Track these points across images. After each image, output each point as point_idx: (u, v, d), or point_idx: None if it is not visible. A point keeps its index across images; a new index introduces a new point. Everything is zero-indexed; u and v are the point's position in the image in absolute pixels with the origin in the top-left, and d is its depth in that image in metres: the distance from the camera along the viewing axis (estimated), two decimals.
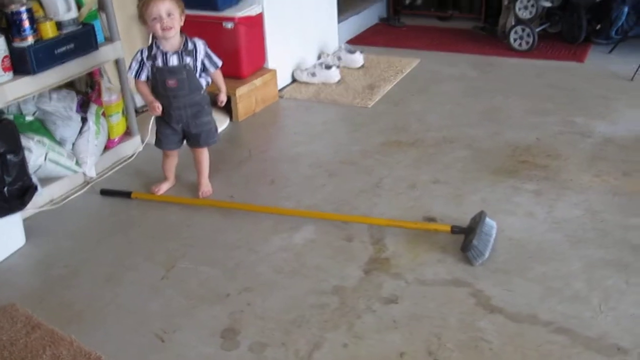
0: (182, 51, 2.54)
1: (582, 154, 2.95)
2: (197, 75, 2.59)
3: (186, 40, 2.55)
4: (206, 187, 2.79)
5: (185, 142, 2.75)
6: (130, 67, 2.59)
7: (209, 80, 2.67)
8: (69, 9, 2.69)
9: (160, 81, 2.56)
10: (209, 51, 2.61)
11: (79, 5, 2.79)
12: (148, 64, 2.55)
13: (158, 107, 2.58)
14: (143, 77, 2.58)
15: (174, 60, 2.53)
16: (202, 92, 2.64)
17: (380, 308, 2.04)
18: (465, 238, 2.27)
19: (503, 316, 1.97)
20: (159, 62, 2.53)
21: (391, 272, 2.21)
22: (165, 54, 2.52)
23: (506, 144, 3.08)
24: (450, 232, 2.34)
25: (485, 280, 2.13)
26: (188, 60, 2.54)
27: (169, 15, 2.45)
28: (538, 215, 2.49)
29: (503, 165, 2.88)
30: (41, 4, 2.66)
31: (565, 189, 2.66)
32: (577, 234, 2.35)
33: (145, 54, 2.55)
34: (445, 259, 2.25)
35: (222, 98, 2.73)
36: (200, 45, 2.58)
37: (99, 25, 2.88)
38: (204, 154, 2.76)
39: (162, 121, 2.67)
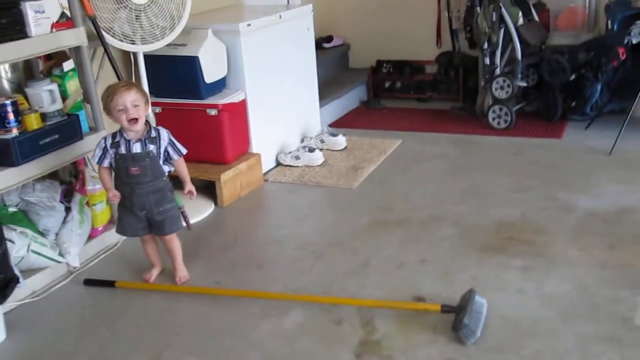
0: (146, 138, 2.54)
1: (567, 228, 2.96)
2: (161, 162, 2.59)
3: (150, 128, 2.57)
4: (182, 272, 2.75)
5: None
6: (94, 153, 2.59)
7: (171, 168, 2.66)
8: (53, 101, 2.72)
9: (123, 168, 2.55)
10: (173, 139, 2.62)
11: (64, 97, 2.83)
12: (111, 151, 2.55)
13: (115, 197, 2.59)
14: (106, 163, 2.58)
15: (137, 148, 2.53)
16: (165, 178, 2.63)
17: None
18: (456, 317, 2.24)
19: None
20: (122, 149, 2.54)
21: (383, 355, 2.16)
22: (129, 141, 2.53)
23: (491, 220, 3.09)
24: (441, 311, 2.31)
25: (479, 359, 2.09)
26: (151, 147, 2.55)
27: (135, 106, 2.46)
28: (528, 291, 2.47)
29: (490, 242, 2.88)
30: (26, 97, 2.69)
31: (553, 264, 2.65)
32: (568, 309, 2.33)
33: (109, 141, 2.56)
34: (437, 339, 2.21)
35: (190, 188, 2.70)
36: (164, 133, 2.59)
37: (83, 116, 2.92)
38: (174, 241, 2.73)
39: (125, 209, 2.65)
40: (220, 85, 3.59)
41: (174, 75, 3.45)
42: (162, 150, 2.58)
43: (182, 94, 3.50)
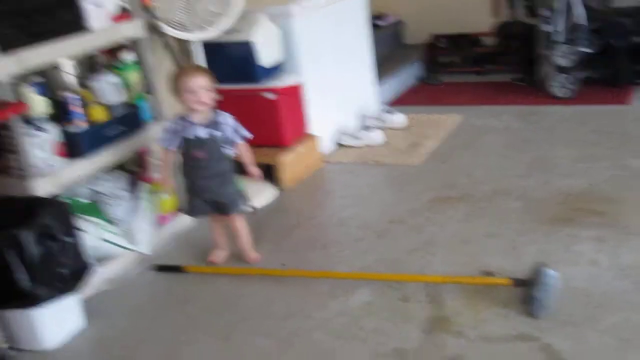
0: (210, 124, 2.60)
1: (639, 196, 2.85)
2: (224, 146, 2.65)
3: (215, 113, 2.62)
4: (252, 252, 2.81)
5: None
6: (161, 137, 2.67)
7: (234, 152, 2.71)
8: (117, 93, 2.79)
9: (188, 152, 2.62)
10: (237, 124, 2.67)
11: (127, 89, 2.89)
12: (178, 135, 2.62)
13: (168, 186, 2.71)
14: (172, 147, 2.65)
15: (202, 133, 2.60)
16: (228, 162, 2.69)
17: None
18: (527, 290, 2.19)
19: None
20: (188, 134, 2.60)
21: (452, 331, 2.14)
22: (195, 125, 2.59)
23: (558, 192, 3.00)
24: (510, 285, 2.26)
25: (553, 333, 2.04)
26: (216, 132, 2.61)
27: (203, 89, 2.54)
28: (601, 263, 2.40)
29: (557, 214, 2.80)
30: (90, 90, 2.76)
31: (627, 234, 2.56)
32: None
33: (176, 125, 2.63)
34: (508, 313, 2.17)
35: (254, 171, 2.75)
36: (228, 119, 2.65)
37: (146, 106, 2.98)
38: (239, 222, 2.79)
39: (191, 192, 2.72)
40: (276, 68, 3.60)
41: (231, 61, 3.47)
42: (226, 134, 2.63)
43: (240, 79, 3.52)
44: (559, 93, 4.33)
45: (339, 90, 4.00)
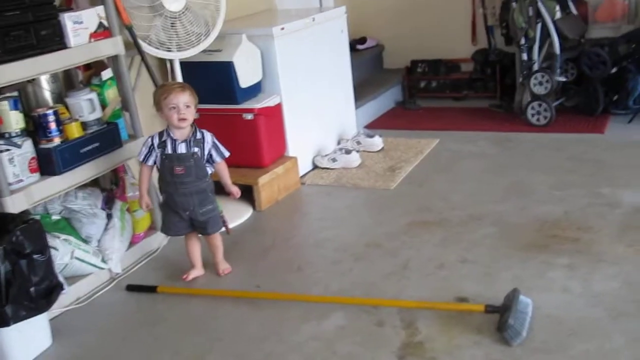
0: (191, 140, 2.62)
1: (612, 225, 2.89)
2: (204, 163, 2.66)
3: (195, 130, 2.64)
4: (224, 265, 2.84)
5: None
6: (140, 151, 2.68)
7: (213, 170, 2.73)
8: (93, 110, 2.77)
9: (168, 167, 2.63)
10: (217, 142, 2.69)
11: (103, 106, 2.87)
12: (158, 151, 2.63)
13: (145, 205, 2.71)
14: (150, 162, 2.66)
15: (182, 148, 2.61)
16: (208, 179, 2.70)
17: None
18: (501, 317, 2.19)
19: None
20: (169, 149, 2.62)
21: (426, 357, 2.13)
22: (175, 141, 2.61)
23: (534, 218, 3.03)
24: (484, 311, 2.27)
25: None
26: (196, 149, 2.63)
27: (186, 106, 2.56)
28: (574, 290, 2.41)
29: (532, 241, 2.82)
30: (66, 106, 2.74)
31: (600, 261, 2.58)
32: (616, 308, 2.27)
33: (156, 140, 2.64)
34: (482, 340, 2.17)
35: (231, 189, 2.77)
36: (208, 136, 2.67)
37: (122, 124, 2.96)
38: (216, 238, 2.82)
39: (169, 208, 2.72)
40: (255, 89, 3.60)
41: (210, 81, 3.48)
42: (205, 152, 2.65)
43: (218, 100, 3.52)
44: (535, 120, 4.38)
45: (318, 112, 4.02)
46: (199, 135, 2.64)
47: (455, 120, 4.78)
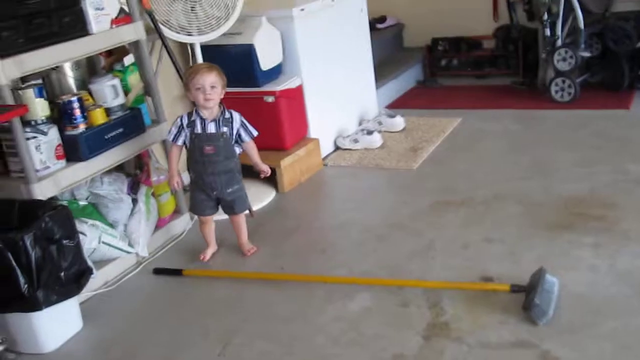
0: (220, 120, 2.66)
1: (639, 202, 2.85)
2: (232, 143, 2.69)
3: (224, 110, 2.69)
4: (248, 245, 2.89)
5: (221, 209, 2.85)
6: (170, 131, 2.73)
7: (241, 150, 2.77)
8: (116, 96, 2.79)
9: (197, 147, 2.67)
10: (245, 121, 2.73)
11: (126, 91, 2.89)
12: (187, 130, 2.68)
13: (177, 183, 2.74)
14: (180, 141, 2.70)
15: (211, 128, 2.66)
16: (236, 159, 2.75)
17: None
18: (527, 297, 2.19)
19: None
20: (198, 129, 2.66)
21: (452, 337, 2.13)
22: (204, 121, 2.65)
23: (558, 197, 3.00)
24: (510, 291, 2.26)
25: (552, 340, 2.04)
26: (225, 129, 2.67)
27: (212, 87, 2.60)
28: (600, 268, 2.40)
29: (557, 219, 2.80)
30: (90, 93, 2.76)
31: (626, 239, 2.56)
32: None
33: (185, 120, 2.68)
34: (508, 319, 2.17)
35: (262, 167, 2.81)
36: (237, 116, 2.71)
37: (145, 109, 2.98)
38: (241, 218, 2.87)
39: (197, 187, 2.77)
40: (276, 71, 3.60)
41: (231, 64, 3.44)
42: (234, 131, 2.70)
43: (240, 83, 3.50)
44: (559, 97, 4.33)
45: (339, 94, 4.00)
46: (227, 115, 2.68)
47: (478, 99, 4.74)
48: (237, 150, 2.75)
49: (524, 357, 1.99)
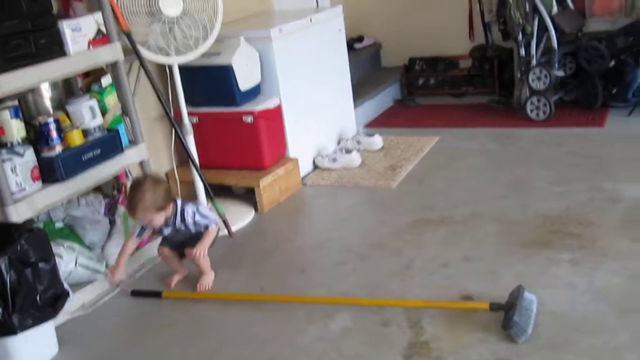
0: (173, 222, 2.70)
1: (615, 219, 2.89)
2: (192, 230, 2.73)
3: (176, 212, 2.69)
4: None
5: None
6: (133, 230, 2.79)
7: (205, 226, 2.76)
8: (94, 117, 2.77)
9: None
10: (197, 217, 2.72)
11: (104, 112, 2.87)
12: (148, 227, 2.72)
13: (116, 279, 2.68)
14: (144, 234, 2.75)
15: (167, 231, 2.73)
16: (201, 231, 2.75)
17: None
18: (506, 315, 2.20)
19: None
20: (156, 230, 2.74)
21: (432, 356, 2.13)
22: (160, 227, 2.70)
23: (535, 215, 3.03)
24: (489, 309, 2.27)
25: (532, 358, 2.05)
26: (179, 226, 2.71)
27: (152, 217, 2.59)
28: (578, 286, 2.42)
29: (535, 237, 2.82)
30: (67, 114, 2.74)
31: (603, 256, 2.59)
32: (621, 303, 2.27)
33: (139, 227, 2.73)
34: (487, 338, 2.18)
35: (196, 250, 2.69)
36: (189, 215, 2.70)
37: (123, 129, 2.96)
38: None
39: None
40: (255, 91, 3.60)
41: (209, 85, 3.48)
42: (190, 225, 2.72)
43: (218, 103, 3.52)
44: (534, 116, 4.39)
45: (317, 113, 4.02)
46: (179, 216, 2.69)
47: (455, 117, 4.79)
48: (200, 228, 2.74)
49: None
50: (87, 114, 2.74)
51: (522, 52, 4.40)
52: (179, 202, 2.71)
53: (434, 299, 2.45)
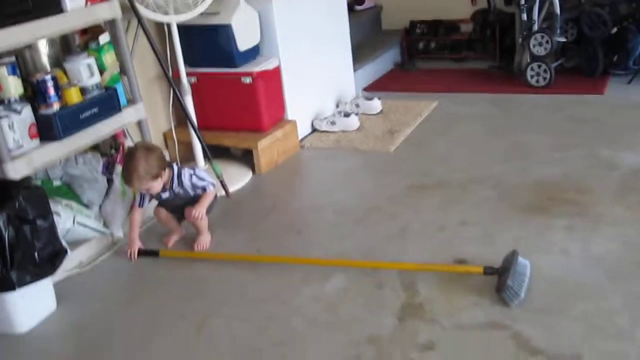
0: (171, 186, 2.71)
1: (611, 186, 2.90)
2: (191, 193, 2.74)
3: (173, 176, 2.70)
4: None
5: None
6: (134, 200, 2.79)
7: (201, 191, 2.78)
8: (92, 75, 2.74)
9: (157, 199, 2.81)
10: (195, 179, 2.74)
11: (102, 70, 2.85)
12: (148, 195, 2.74)
13: (134, 252, 2.75)
14: (146, 203, 2.77)
15: (165, 195, 2.73)
16: (198, 194, 2.77)
17: (417, 356, 1.99)
18: (499, 279, 2.22)
19: (545, 358, 1.91)
20: (155, 195, 2.74)
21: (426, 318, 2.16)
22: (158, 193, 2.71)
23: (533, 180, 3.04)
24: (483, 273, 2.29)
25: (524, 321, 2.07)
26: (177, 190, 2.72)
27: (149, 185, 2.61)
28: (573, 251, 2.44)
29: (532, 203, 2.83)
30: (65, 71, 2.72)
31: (599, 223, 2.61)
32: (615, 269, 2.30)
33: (139, 196, 2.76)
34: (481, 301, 2.20)
35: (195, 212, 2.70)
36: (186, 178, 2.72)
37: (121, 89, 2.94)
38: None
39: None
40: (254, 52, 3.57)
41: (208, 45, 3.45)
42: (188, 189, 2.73)
43: (217, 63, 3.49)
44: (534, 82, 4.36)
45: (316, 75, 3.99)
46: (176, 180, 2.70)
47: (454, 82, 4.76)
48: (199, 191, 2.76)
49: (497, 338, 2.02)
50: (85, 71, 2.72)
51: (524, 17, 4.35)
52: (175, 167, 2.71)
53: (430, 262, 2.47)
